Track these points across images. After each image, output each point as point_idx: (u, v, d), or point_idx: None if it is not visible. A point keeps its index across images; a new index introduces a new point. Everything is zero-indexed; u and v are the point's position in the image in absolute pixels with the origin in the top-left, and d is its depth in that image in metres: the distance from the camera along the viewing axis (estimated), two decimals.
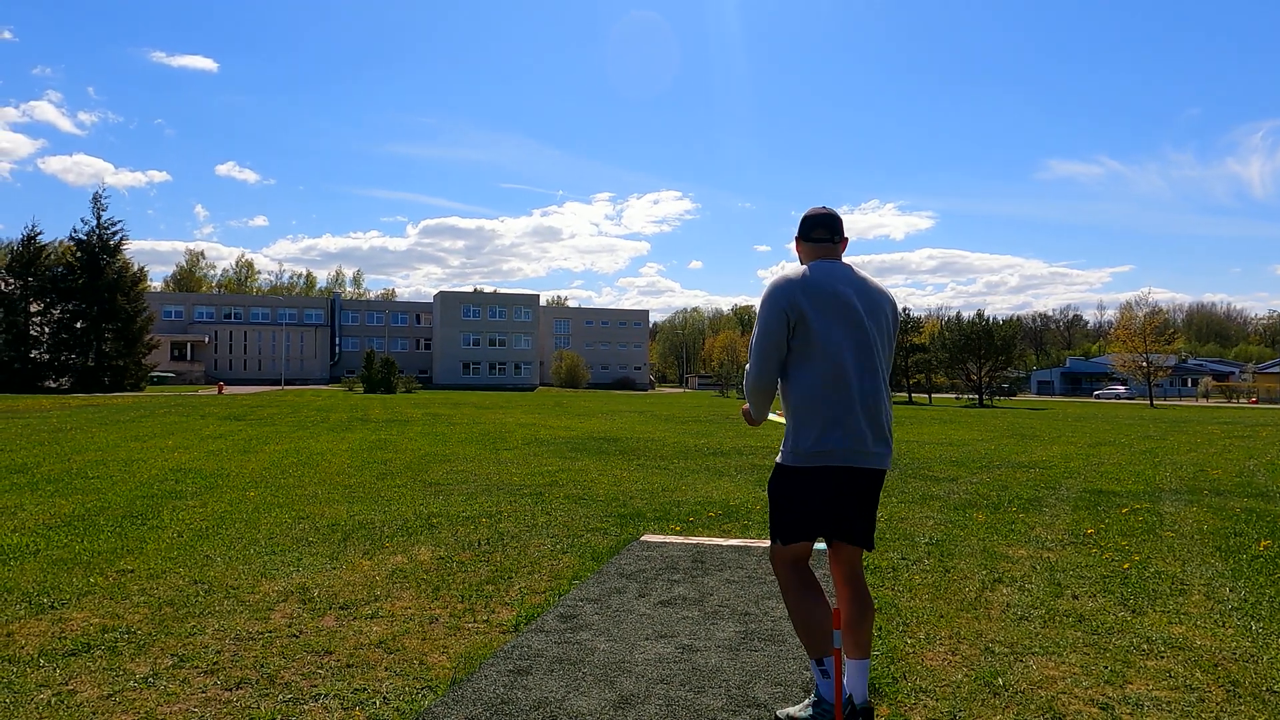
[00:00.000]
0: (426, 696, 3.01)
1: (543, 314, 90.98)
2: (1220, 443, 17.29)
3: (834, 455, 2.63)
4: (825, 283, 2.69)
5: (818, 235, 2.84)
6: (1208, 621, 4.03)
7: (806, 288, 2.67)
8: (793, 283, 2.68)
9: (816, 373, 2.65)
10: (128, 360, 43.06)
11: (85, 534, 5.80)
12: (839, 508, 2.71)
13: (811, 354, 2.65)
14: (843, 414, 2.63)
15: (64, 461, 10.20)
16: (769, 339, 2.67)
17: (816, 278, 2.70)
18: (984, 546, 5.76)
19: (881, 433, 2.70)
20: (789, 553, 2.76)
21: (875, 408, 2.68)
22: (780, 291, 2.67)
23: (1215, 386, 79.71)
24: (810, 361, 2.65)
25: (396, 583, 4.60)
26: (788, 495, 2.72)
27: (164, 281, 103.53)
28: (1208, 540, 6.12)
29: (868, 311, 2.72)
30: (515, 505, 7.33)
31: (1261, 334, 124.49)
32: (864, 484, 2.72)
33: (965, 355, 57.90)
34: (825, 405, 2.64)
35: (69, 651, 3.43)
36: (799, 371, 2.68)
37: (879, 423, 2.69)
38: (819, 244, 2.84)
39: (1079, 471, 10.89)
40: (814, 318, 2.63)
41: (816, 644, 2.64)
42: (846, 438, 2.63)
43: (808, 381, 2.66)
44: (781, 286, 2.68)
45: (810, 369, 2.65)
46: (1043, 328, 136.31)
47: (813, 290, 2.66)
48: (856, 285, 2.74)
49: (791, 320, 2.65)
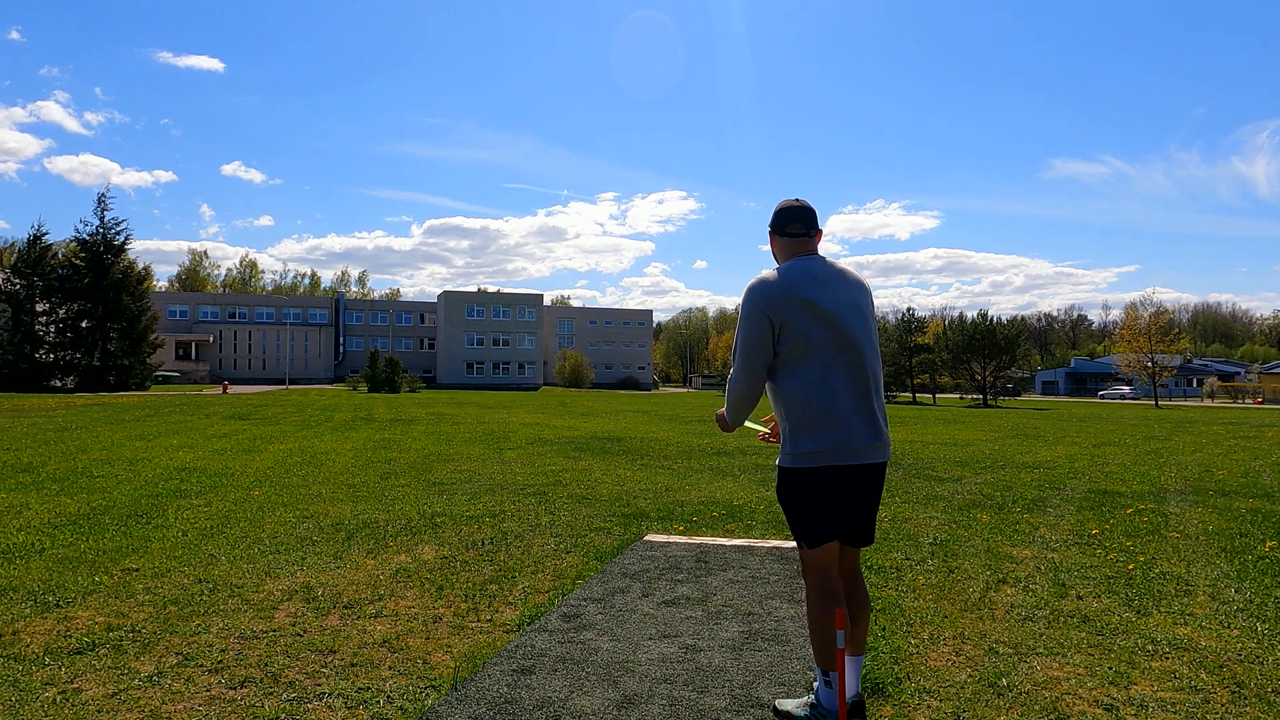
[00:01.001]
0: (430, 696, 3.01)
1: (547, 314, 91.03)
2: (1225, 443, 17.23)
3: (830, 455, 2.64)
4: (805, 283, 2.67)
5: (793, 230, 2.81)
6: (1213, 622, 4.02)
7: (788, 290, 2.64)
8: (773, 286, 2.66)
9: (805, 375, 2.64)
10: (133, 360, 43.17)
11: (90, 533, 5.82)
12: (842, 507, 2.71)
13: (798, 357, 2.64)
14: (834, 413, 2.63)
15: (69, 460, 10.23)
16: (754, 345, 2.67)
17: (797, 279, 2.68)
18: (988, 547, 5.75)
19: (875, 427, 2.69)
20: (818, 557, 2.71)
21: (866, 403, 2.68)
22: (761, 297, 2.66)
23: (1220, 387, 79.47)
24: (797, 364, 2.65)
25: (400, 582, 4.61)
26: (801, 496, 2.70)
27: (169, 281, 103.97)
28: (1213, 541, 6.10)
29: (849, 307, 2.70)
30: (519, 505, 7.34)
31: (1267, 334, 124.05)
32: (864, 480, 2.72)
33: (969, 355, 57.81)
34: (816, 406, 2.63)
35: (74, 650, 3.44)
36: (787, 375, 2.67)
37: (871, 418, 2.69)
38: (795, 239, 2.81)
39: (1083, 472, 10.86)
40: (797, 321, 2.62)
41: (826, 657, 2.64)
42: (840, 436, 2.63)
43: (797, 384, 2.65)
44: (762, 291, 2.66)
45: (798, 372, 2.65)
46: (1047, 328, 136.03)
47: (794, 292, 2.64)
48: (835, 280, 2.73)
49: (775, 325, 2.64)
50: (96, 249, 42.94)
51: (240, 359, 77.98)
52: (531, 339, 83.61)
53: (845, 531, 2.75)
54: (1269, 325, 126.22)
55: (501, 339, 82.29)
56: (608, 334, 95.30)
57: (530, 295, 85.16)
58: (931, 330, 65.63)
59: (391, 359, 50.34)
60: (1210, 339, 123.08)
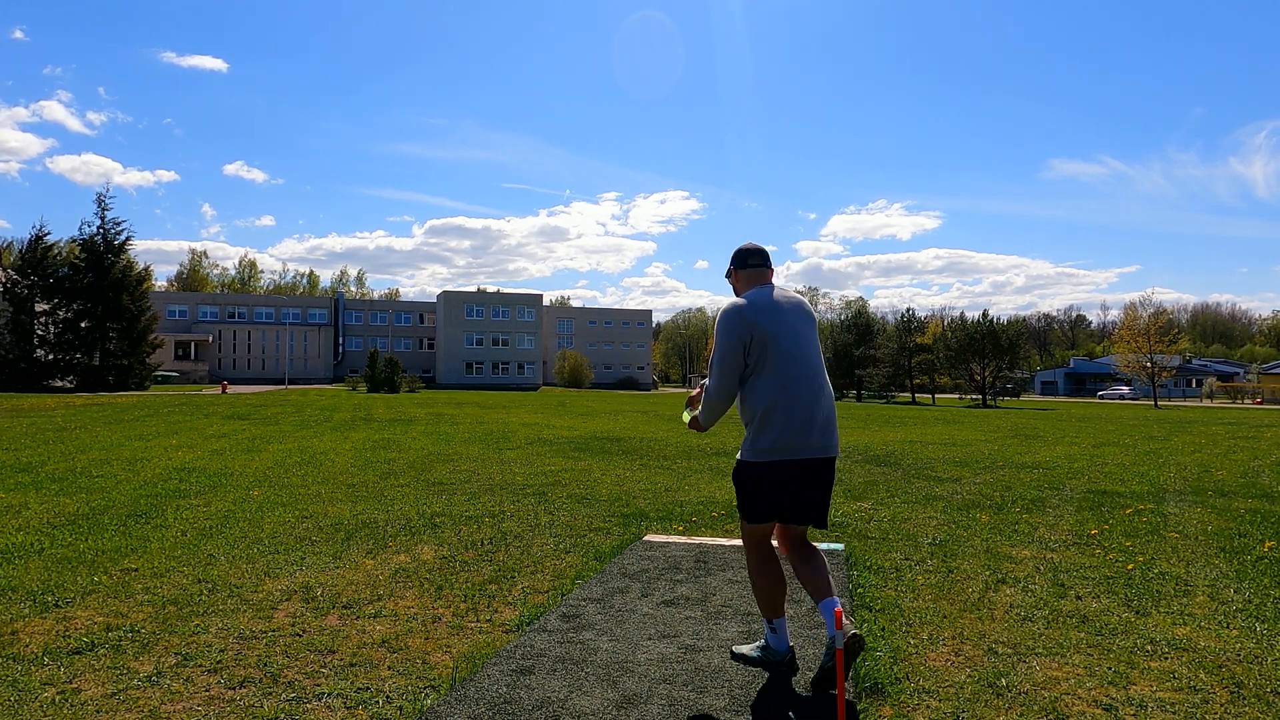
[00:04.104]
0: (429, 696, 3.01)
1: (546, 314, 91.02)
2: (1225, 443, 17.24)
3: (785, 450, 3.13)
4: (769, 306, 3.20)
5: (754, 262, 3.35)
6: (1212, 623, 4.02)
7: (756, 313, 3.16)
8: (745, 310, 3.17)
9: (768, 384, 3.14)
10: (132, 360, 43.11)
11: (89, 533, 5.82)
12: (794, 494, 3.19)
13: (764, 368, 3.15)
14: (791, 416, 3.13)
15: (68, 460, 10.23)
16: (730, 360, 3.16)
17: (762, 303, 3.20)
18: (987, 547, 5.75)
19: (825, 427, 3.20)
20: (756, 532, 3.31)
21: (817, 406, 3.18)
22: (736, 319, 3.15)
23: (1220, 387, 79.51)
24: (763, 375, 3.15)
25: (400, 582, 4.61)
26: (751, 485, 3.21)
27: (168, 281, 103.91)
28: (1212, 541, 6.10)
29: (800, 323, 3.24)
30: (518, 505, 7.34)
31: (1267, 334, 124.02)
32: (813, 473, 3.20)
33: (969, 355, 57.84)
34: (777, 410, 3.12)
35: (73, 650, 3.44)
36: (754, 383, 3.17)
37: (822, 419, 3.19)
38: (756, 269, 3.35)
39: (1083, 472, 10.87)
40: (764, 338, 3.13)
41: (769, 608, 3.29)
42: (794, 435, 3.13)
43: (761, 391, 3.15)
44: (736, 314, 3.17)
45: (763, 381, 3.15)
46: (1046, 328, 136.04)
47: (761, 314, 3.16)
48: (788, 302, 3.26)
49: (746, 343, 3.14)
50: (97, 249, 42.88)
51: (239, 359, 77.93)
52: (531, 339, 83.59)
53: (791, 514, 3.23)
54: (1269, 325, 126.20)
55: (501, 339, 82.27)
56: (607, 334, 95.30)
57: (530, 295, 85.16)
58: (931, 330, 65.68)
59: (391, 359, 50.32)
60: (1210, 339, 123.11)
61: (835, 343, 70.11)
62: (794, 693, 3.07)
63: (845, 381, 66.99)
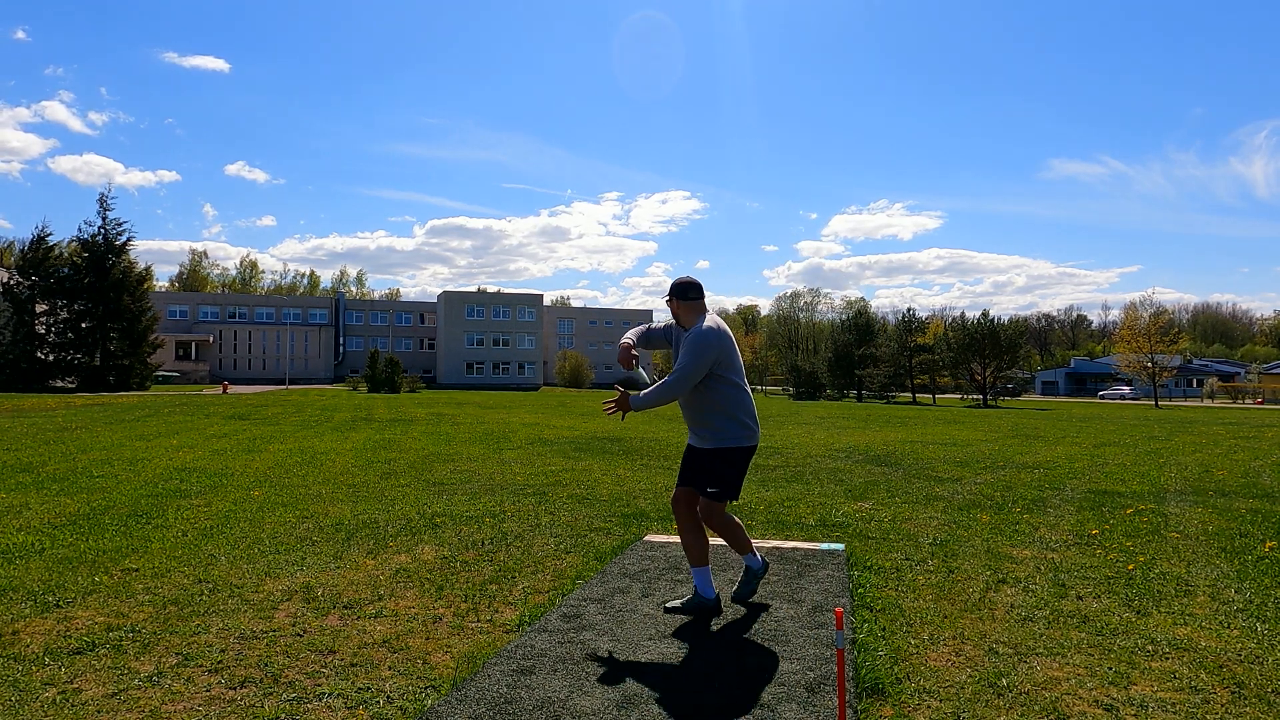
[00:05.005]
0: (430, 696, 3.01)
1: (547, 314, 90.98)
2: (1225, 443, 17.23)
3: (750, 438, 3.99)
4: (724, 330, 3.98)
5: (693, 295, 4.05)
6: (1213, 623, 4.02)
7: (722, 336, 3.93)
8: (723, 334, 3.94)
9: (730, 389, 3.94)
10: (133, 360, 43.11)
11: (90, 533, 5.82)
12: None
13: (727, 376, 3.93)
14: (750, 414, 3.99)
15: (69, 460, 10.24)
16: (698, 371, 3.84)
17: (722, 329, 3.97)
18: (988, 547, 5.75)
19: (757, 420, 4.06)
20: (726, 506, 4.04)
21: (753, 405, 4.04)
22: (715, 341, 3.89)
23: (1221, 387, 79.43)
24: (725, 382, 3.93)
25: (400, 582, 4.61)
26: (737, 465, 3.97)
27: (169, 281, 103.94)
28: (1213, 541, 6.10)
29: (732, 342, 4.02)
30: (519, 505, 7.34)
31: (1268, 334, 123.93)
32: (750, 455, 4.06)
33: (970, 355, 57.82)
34: (738, 409, 3.95)
35: (74, 650, 3.44)
36: (722, 387, 3.93)
37: (755, 414, 4.04)
38: (695, 301, 4.04)
39: (1083, 472, 10.86)
40: (727, 355, 3.93)
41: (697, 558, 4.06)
42: (753, 429, 3.99)
43: (728, 394, 3.94)
44: (715, 338, 3.89)
45: (726, 386, 3.93)
46: (1047, 328, 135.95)
47: (725, 337, 3.95)
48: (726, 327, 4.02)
49: (715, 359, 3.88)
50: (98, 249, 42.88)
51: (240, 359, 77.94)
52: (531, 339, 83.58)
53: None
54: (1270, 325, 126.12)
55: (501, 339, 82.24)
56: (607, 334, 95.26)
57: (530, 295, 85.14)
58: (932, 330, 65.64)
59: (391, 359, 50.30)
60: (1211, 339, 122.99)
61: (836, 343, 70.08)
62: (795, 692, 3.07)
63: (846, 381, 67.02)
